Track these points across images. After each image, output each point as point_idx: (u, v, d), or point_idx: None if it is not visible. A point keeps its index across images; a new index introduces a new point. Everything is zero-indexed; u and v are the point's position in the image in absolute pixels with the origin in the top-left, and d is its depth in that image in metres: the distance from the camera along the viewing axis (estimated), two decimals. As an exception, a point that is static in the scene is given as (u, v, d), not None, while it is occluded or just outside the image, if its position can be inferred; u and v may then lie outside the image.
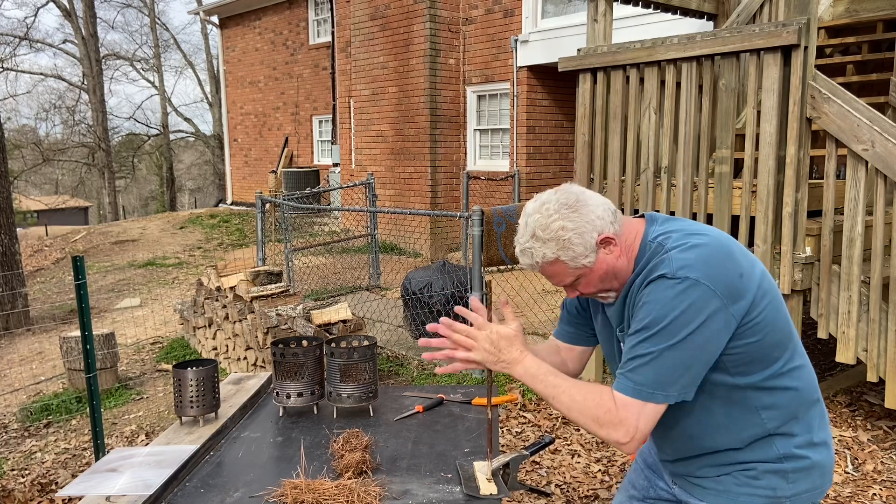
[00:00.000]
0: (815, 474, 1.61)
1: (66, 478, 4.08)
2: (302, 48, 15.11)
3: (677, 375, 1.47)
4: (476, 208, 5.21)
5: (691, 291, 1.45)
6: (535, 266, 1.59)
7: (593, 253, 1.55)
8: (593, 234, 1.54)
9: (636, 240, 1.60)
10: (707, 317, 1.45)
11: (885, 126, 3.48)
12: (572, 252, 1.54)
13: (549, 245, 1.54)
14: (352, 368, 2.26)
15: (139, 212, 34.22)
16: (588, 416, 1.52)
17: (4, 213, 8.18)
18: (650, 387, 1.47)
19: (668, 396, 1.48)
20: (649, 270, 1.52)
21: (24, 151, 28.50)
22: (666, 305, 1.46)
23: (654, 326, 1.47)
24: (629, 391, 1.49)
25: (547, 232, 1.54)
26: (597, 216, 1.55)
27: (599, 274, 1.58)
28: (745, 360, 1.52)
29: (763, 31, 3.68)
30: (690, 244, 1.51)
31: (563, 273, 1.58)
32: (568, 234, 1.53)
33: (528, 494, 3.45)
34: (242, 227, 13.85)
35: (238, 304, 5.44)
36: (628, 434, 1.49)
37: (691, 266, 1.47)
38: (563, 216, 1.53)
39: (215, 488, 1.81)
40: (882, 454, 3.67)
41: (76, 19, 26.63)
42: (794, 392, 1.58)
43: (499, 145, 10.58)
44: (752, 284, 1.50)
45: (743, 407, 1.56)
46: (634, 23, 7.55)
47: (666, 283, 1.47)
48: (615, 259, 1.57)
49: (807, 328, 4.62)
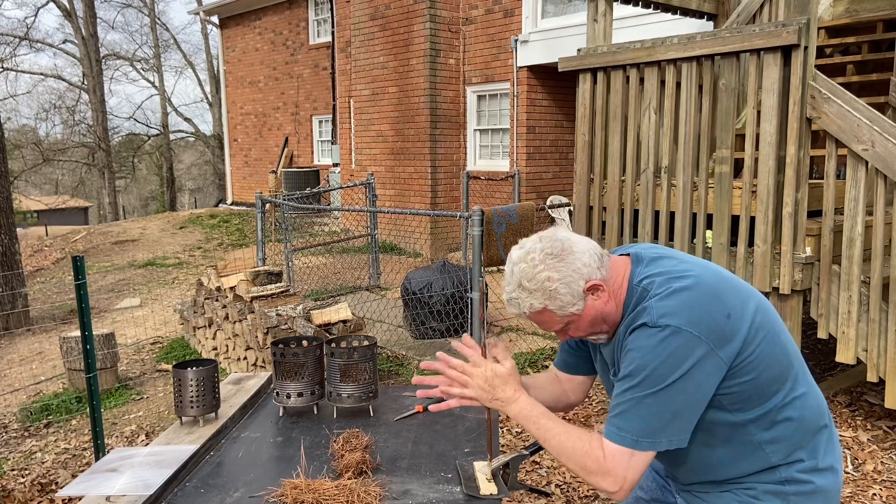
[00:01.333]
0: (819, 499, 1.58)
1: (66, 478, 4.08)
2: (302, 48, 15.11)
3: (663, 423, 1.45)
4: (476, 208, 5.21)
5: (672, 339, 1.43)
6: (522, 315, 1.59)
7: (581, 300, 1.54)
8: (580, 283, 1.52)
9: (623, 282, 1.58)
10: (693, 363, 1.43)
11: (885, 126, 3.48)
12: (560, 301, 1.53)
13: (535, 295, 1.53)
14: (352, 368, 2.26)
15: (139, 212, 34.22)
16: (576, 464, 1.52)
17: (4, 213, 8.18)
18: (635, 434, 1.46)
19: (654, 444, 1.47)
20: (633, 318, 1.51)
21: (24, 151, 28.50)
22: (647, 354, 1.45)
23: (638, 375, 1.46)
24: (615, 437, 1.49)
25: (533, 282, 1.52)
26: (583, 263, 1.53)
27: (588, 320, 1.57)
28: (742, 397, 1.50)
29: (763, 31, 3.68)
30: (673, 289, 1.49)
31: (552, 321, 1.58)
32: (554, 284, 1.51)
33: (528, 494, 3.45)
34: (242, 227, 13.85)
35: (238, 304, 5.44)
36: (616, 484, 1.48)
37: (672, 314, 1.45)
38: (548, 266, 1.52)
39: (215, 488, 1.81)
40: (882, 454, 3.67)
41: (76, 19, 26.63)
42: (796, 423, 1.55)
43: (499, 145, 10.58)
44: (741, 324, 1.47)
45: (744, 442, 1.55)
46: (634, 23, 7.55)
47: (647, 332, 1.46)
48: (603, 304, 1.56)
49: (807, 328, 4.62)
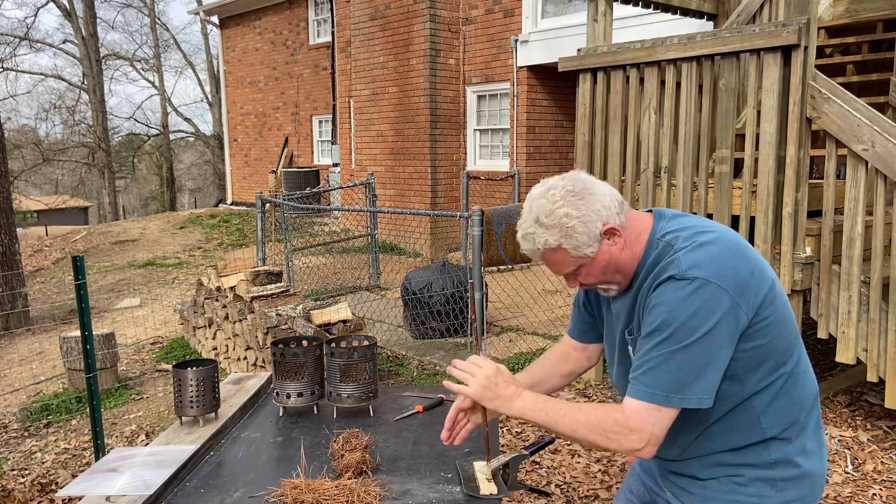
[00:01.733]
0: (805, 484, 1.58)
1: (66, 478, 4.08)
2: (302, 48, 15.11)
3: (692, 378, 1.43)
4: (476, 208, 5.21)
5: (702, 291, 1.42)
6: (535, 252, 1.56)
7: (596, 243, 1.52)
8: (598, 224, 1.51)
9: (642, 235, 1.57)
10: (720, 316, 1.42)
11: (885, 126, 3.48)
12: (575, 241, 1.51)
13: (551, 232, 1.51)
14: (352, 368, 2.26)
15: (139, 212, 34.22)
16: (595, 432, 1.49)
17: (4, 213, 8.18)
18: (664, 390, 1.44)
19: (683, 400, 1.44)
20: (658, 272, 1.49)
21: (24, 151, 28.50)
22: (677, 307, 1.43)
23: (666, 329, 1.43)
24: (643, 395, 1.46)
25: (551, 218, 1.50)
26: (603, 206, 1.51)
27: (601, 265, 1.55)
28: (752, 364, 1.49)
29: (763, 31, 3.68)
30: (699, 242, 1.48)
31: (564, 262, 1.55)
32: (572, 221, 1.49)
33: (528, 494, 3.45)
34: (242, 227, 13.85)
35: (238, 304, 5.44)
36: (642, 440, 1.45)
37: (701, 265, 1.44)
38: (568, 203, 1.50)
39: (215, 488, 1.81)
40: (882, 454, 3.67)
41: (76, 19, 26.63)
42: (796, 398, 1.56)
43: (499, 145, 10.58)
44: (763, 284, 1.48)
45: (744, 412, 1.54)
46: (634, 23, 7.55)
47: (676, 285, 1.44)
48: (619, 251, 1.54)
49: (807, 328, 4.62)
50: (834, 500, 3.28)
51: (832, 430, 3.94)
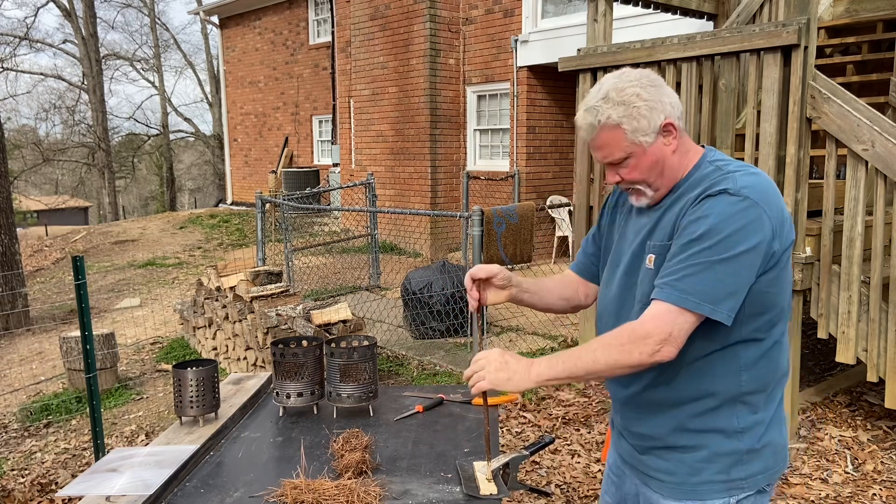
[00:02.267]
0: (767, 454, 1.60)
1: (66, 478, 4.08)
2: (302, 48, 15.11)
3: (727, 291, 1.45)
4: (476, 208, 5.21)
5: (751, 211, 1.46)
6: (592, 127, 1.57)
7: (654, 133, 1.55)
8: (661, 116, 1.55)
9: (693, 153, 1.62)
10: (759, 240, 1.46)
11: (885, 126, 3.48)
12: (636, 123, 1.54)
13: (617, 108, 1.54)
14: (352, 368, 2.26)
15: (139, 212, 34.22)
16: (613, 350, 1.48)
17: (4, 213, 8.18)
18: (698, 297, 1.45)
19: (714, 311, 1.45)
20: (710, 185, 1.52)
21: (24, 151, 28.50)
22: (726, 219, 1.46)
23: (711, 237, 1.45)
24: (674, 299, 1.46)
25: (621, 95, 1.54)
26: (670, 102, 1.57)
27: (651, 160, 1.57)
28: (755, 309, 1.52)
29: (763, 31, 3.68)
30: (751, 171, 1.54)
31: (618, 144, 1.56)
32: (640, 102, 1.53)
33: (528, 494, 3.45)
34: (242, 227, 13.85)
35: (238, 304, 5.44)
36: (659, 340, 1.45)
37: (753, 188, 1.49)
38: (641, 86, 1.55)
39: (215, 488, 1.81)
40: (882, 454, 3.67)
41: (76, 19, 26.63)
42: (774, 366, 1.59)
43: (499, 145, 10.58)
44: (791, 232, 1.54)
45: (728, 358, 1.55)
46: (634, 23, 7.54)
47: (728, 199, 1.47)
48: (670, 152, 1.58)
49: (807, 328, 4.62)
50: (834, 500, 3.28)
51: (832, 430, 3.94)
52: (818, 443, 3.82)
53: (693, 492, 1.60)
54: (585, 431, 4.13)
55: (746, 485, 1.59)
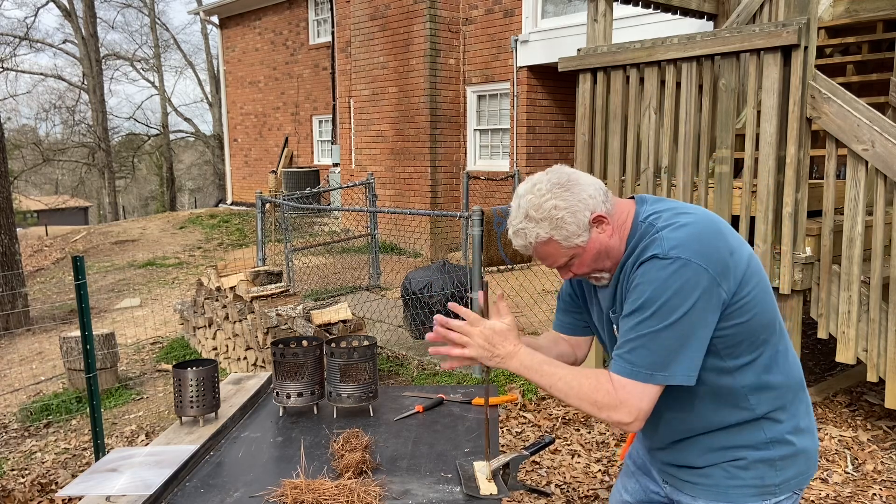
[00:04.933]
0: (801, 460, 1.61)
1: (66, 478, 4.08)
2: (302, 48, 15.11)
3: (674, 355, 1.46)
4: (476, 208, 5.21)
5: (683, 271, 1.45)
6: (528, 247, 1.59)
7: (586, 232, 1.55)
8: (586, 213, 1.54)
9: (628, 219, 1.60)
10: (700, 295, 1.45)
11: (885, 126, 3.48)
12: (565, 231, 1.54)
13: (542, 225, 1.54)
14: (352, 368, 2.26)
15: (139, 212, 34.22)
16: (586, 401, 1.52)
17: (4, 213, 8.18)
18: (649, 368, 1.47)
19: (668, 377, 1.47)
20: (641, 251, 1.52)
21: (24, 151, 28.50)
22: (659, 286, 1.46)
23: (649, 307, 1.46)
24: (626, 373, 1.49)
25: (540, 212, 1.54)
26: (588, 195, 1.55)
27: (592, 253, 1.58)
28: (735, 341, 1.52)
29: (763, 31, 3.68)
30: (680, 223, 1.52)
31: (557, 253, 1.58)
32: (561, 212, 1.53)
33: (528, 494, 3.45)
34: (242, 227, 13.85)
35: (238, 304, 5.44)
36: (631, 414, 1.48)
37: (682, 245, 1.47)
38: (555, 195, 1.54)
39: (215, 488, 1.81)
40: (882, 454, 3.67)
41: (76, 19, 26.63)
42: (781, 376, 1.59)
43: (499, 145, 10.58)
44: (741, 263, 1.51)
45: (731, 391, 1.56)
46: (634, 23, 7.55)
47: (658, 264, 1.47)
48: (608, 238, 1.57)
49: (807, 328, 4.62)
50: (834, 500, 3.28)
51: (832, 430, 3.94)
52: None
53: (726, 495, 1.61)
54: (585, 431, 4.13)
55: (779, 490, 1.60)
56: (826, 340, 4.14)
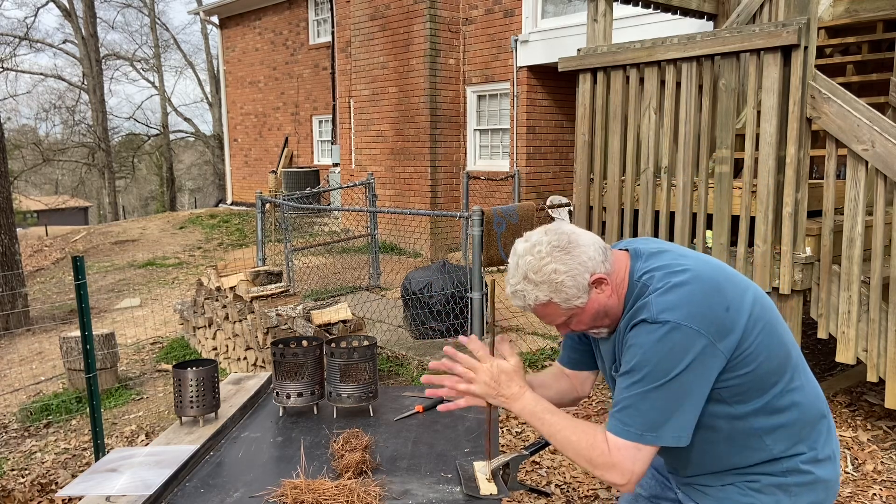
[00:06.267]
0: (819, 489, 1.60)
1: (66, 478, 4.08)
2: (302, 48, 15.11)
3: (666, 417, 1.46)
4: (476, 208, 5.21)
5: (672, 335, 1.44)
6: (526, 308, 1.59)
7: (586, 294, 1.54)
8: (586, 276, 1.53)
9: (625, 277, 1.59)
10: (693, 358, 1.44)
11: (885, 126, 3.48)
12: (565, 294, 1.53)
13: (541, 288, 1.54)
14: (352, 368, 2.26)
15: (139, 212, 34.22)
16: (582, 458, 1.53)
17: (4, 213, 8.18)
18: (639, 429, 1.47)
19: (658, 438, 1.47)
20: (633, 314, 1.52)
21: (24, 151, 28.50)
22: (649, 350, 1.46)
23: (640, 370, 1.47)
24: (619, 432, 1.49)
25: (539, 275, 1.53)
26: (588, 257, 1.54)
27: (591, 313, 1.58)
28: (742, 389, 1.51)
29: (763, 31, 3.68)
30: (672, 284, 1.49)
31: (556, 314, 1.59)
32: (561, 276, 1.52)
33: (528, 494, 3.45)
34: (242, 227, 13.84)
35: (238, 305, 5.44)
36: (623, 477, 1.49)
37: (672, 309, 1.46)
38: (555, 259, 1.53)
39: (215, 488, 1.81)
40: (882, 454, 3.67)
41: (76, 19, 26.63)
42: (796, 413, 1.56)
43: (499, 145, 10.58)
44: (740, 317, 1.48)
45: (745, 435, 1.56)
46: (634, 23, 7.54)
47: (647, 328, 1.47)
48: (606, 298, 1.57)
49: (807, 328, 4.62)
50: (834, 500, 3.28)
51: (832, 430, 3.94)
52: (818, 443, 3.82)
53: None
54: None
55: None
56: (826, 340, 4.14)
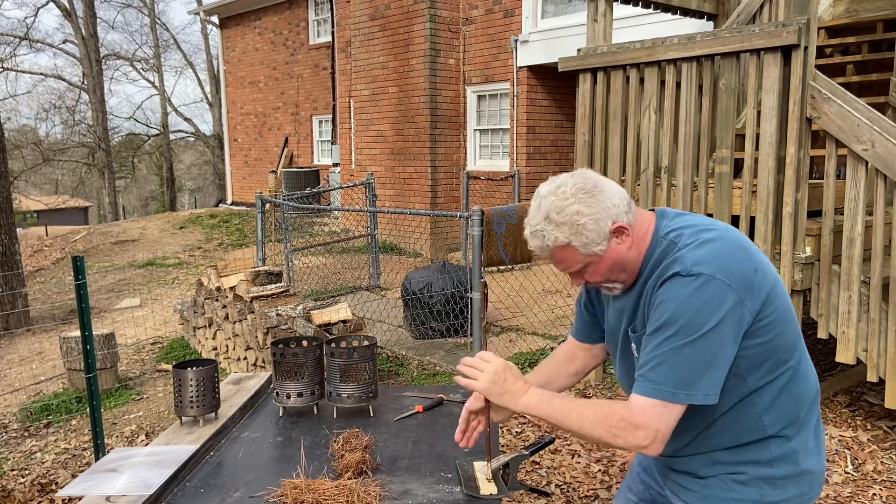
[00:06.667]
0: (804, 481, 1.59)
1: (66, 478, 4.08)
2: (302, 48, 15.11)
3: (699, 374, 1.43)
4: (476, 208, 5.20)
5: (707, 287, 1.42)
6: (543, 249, 1.55)
7: (605, 241, 1.52)
8: (608, 222, 1.51)
9: (648, 233, 1.57)
10: (726, 312, 1.42)
11: (885, 126, 3.48)
12: (585, 238, 1.50)
13: (562, 229, 1.51)
14: (352, 368, 2.26)
15: (139, 212, 34.22)
16: (602, 429, 1.49)
17: (4, 213, 8.18)
18: (671, 386, 1.44)
19: (690, 396, 1.44)
20: (663, 269, 1.49)
21: (24, 151, 28.49)
22: (682, 303, 1.43)
23: (672, 325, 1.43)
24: (649, 392, 1.45)
25: (562, 215, 1.50)
26: (612, 204, 1.52)
27: (608, 263, 1.55)
28: (756, 361, 1.50)
29: (763, 31, 3.68)
30: (703, 240, 1.49)
31: (572, 259, 1.55)
32: (583, 219, 1.49)
33: (528, 494, 3.45)
34: (242, 227, 13.84)
35: (238, 305, 5.44)
36: (648, 437, 1.45)
37: (705, 261, 1.44)
38: (579, 200, 1.50)
39: (215, 488, 1.81)
40: (882, 454, 3.67)
41: (76, 19, 26.63)
42: (797, 396, 1.56)
43: (499, 145, 10.58)
44: (766, 281, 1.48)
45: (747, 409, 1.54)
46: (634, 23, 7.54)
47: (681, 281, 1.44)
48: (626, 250, 1.54)
49: (807, 328, 4.62)
50: (834, 500, 3.28)
51: (832, 430, 3.94)
52: (818, 443, 3.82)
53: None
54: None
55: None
56: (826, 340, 4.14)
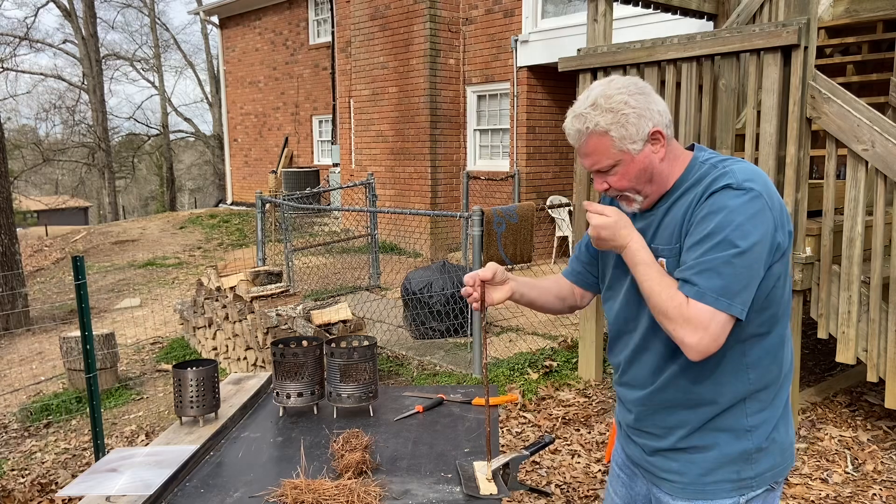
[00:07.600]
0: (775, 451, 1.62)
1: (66, 478, 4.08)
2: (302, 48, 15.10)
3: (741, 285, 1.45)
4: (476, 208, 5.21)
5: (756, 202, 1.46)
6: (581, 134, 1.57)
7: (642, 142, 1.55)
8: (649, 123, 1.55)
9: (683, 157, 1.61)
10: (765, 231, 1.46)
11: (885, 126, 3.48)
12: (624, 131, 1.53)
13: (605, 115, 1.54)
14: (352, 368, 2.26)
15: (139, 212, 34.22)
16: (659, 310, 1.50)
17: (4, 213, 8.18)
18: (715, 293, 1.44)
19: (731, 306, 1.44)
20: (711, 183, 1.52)
21: (24, 151, 28.49)
22: (732, 212, 1.46)
23: (720, 232, 1.45)
24: (693, 294, 1.46)
25: (609, 102, 1.54)
26: (658, 110, 1.57)
27: (639, 168, 1.57)
28: (761, 304, 1.52)
29: (763, 31, 3.68)
30: (748, 164, 1.55)
31: (605, 152, 1.56)
32: (628, 109, 1.53)
33: (528, 494, 3.45)
34: (242, 227, 13.84)
35: (238, 305, 5.44)
36: (696, 333, 1.44)
37: (755, 180, 1.49)
38: (629, 93, 1.55)
39: (215, 488, 1.81)
40: (882, 454, 3.67)
41: (76, 19, 26.63)
42: (780, 360, 1.61)
43: (499, 145, 10.58)
44: (790, 224, 1.54)
45: (737, 357, 1.56)
46: (634, 23, 7.54)
47: (731, 193, 1.48)
48: (658, 160, 1.57)
49: (807, 328, 4.62)
50: (834, 501, 3.28)
51: (832, 430, 3.94)
52: (818, 443, 3.83)
53: (703, 492, 1.62)
54: (585, 431, 4.13)
55: (755, 483, 1.61)
56: (826, 340, 4.14)
